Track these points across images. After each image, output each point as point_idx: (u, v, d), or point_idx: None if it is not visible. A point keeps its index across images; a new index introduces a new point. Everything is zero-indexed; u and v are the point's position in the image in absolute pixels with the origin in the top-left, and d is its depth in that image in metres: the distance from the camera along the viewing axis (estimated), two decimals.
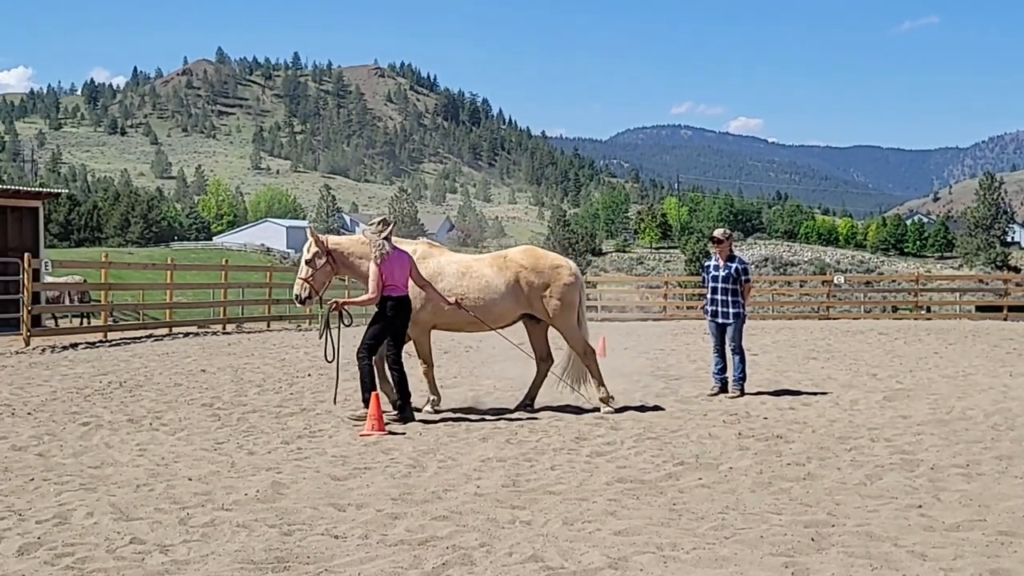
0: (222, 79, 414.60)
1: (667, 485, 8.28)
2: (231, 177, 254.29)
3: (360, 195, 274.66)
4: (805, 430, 10.96)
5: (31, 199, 29.04)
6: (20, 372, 16.85)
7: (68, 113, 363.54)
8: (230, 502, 7.67)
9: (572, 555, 6.22)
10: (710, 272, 14.15)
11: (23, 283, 22.17)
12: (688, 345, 22.97)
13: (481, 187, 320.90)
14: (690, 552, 6.26)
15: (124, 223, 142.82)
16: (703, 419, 11.80)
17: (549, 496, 7.89)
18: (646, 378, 16.01)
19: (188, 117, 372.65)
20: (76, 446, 10.05)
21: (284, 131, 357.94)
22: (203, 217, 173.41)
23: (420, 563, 6.09)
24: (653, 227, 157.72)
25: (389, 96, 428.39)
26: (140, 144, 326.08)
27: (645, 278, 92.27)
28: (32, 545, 6.47)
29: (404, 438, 10.42)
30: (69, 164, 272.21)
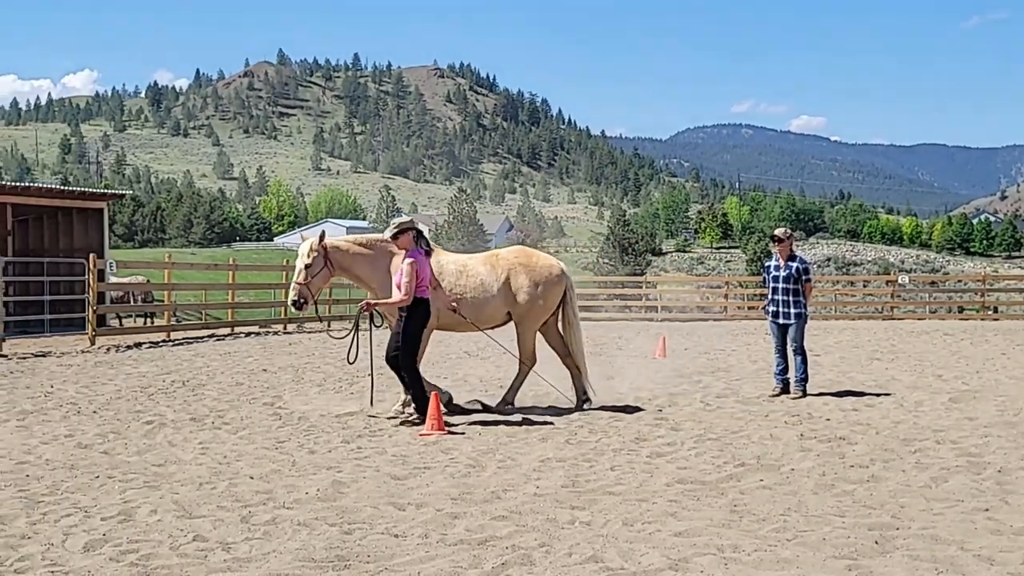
0: (283, 80, 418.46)
1: (728, 486, 8.21)
2: (292, 178, 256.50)
3: (419, 195, 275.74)
4: (869, 432, 10.83)
5: (96, 200, 29.45)
6: (86, 371, 17.11)
7: (132, 115, 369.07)
8: (291, 500, 7.73)
9: (632, 556, 6.19)
10: (771, 272, 14.01)
11: (88, 283, 22.51)
12: (749, 346, 22.79)
13: (540, 187, 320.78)
14: (751, 554, 6.21)
15: (187, 224, 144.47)
16: (764, 420, 11.70)
17: (609, 497, 7.86)
18: (706, 378, 15.92)
19: (249, 118, 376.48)
20: (140, 444, 10.18)
21: (344, 132, 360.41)
22: (264, 218, 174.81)
23: (480, 563, 6.10)
24: (714, 227, 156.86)
25: (448, 96, 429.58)
26: (202, 146, 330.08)
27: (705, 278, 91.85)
28: (97, 542, 6.55)
29: (463, 438, 10.44)
30: (133, 166, 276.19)
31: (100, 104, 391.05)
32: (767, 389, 14.30)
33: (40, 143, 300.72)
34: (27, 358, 19.02)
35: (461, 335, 16.33)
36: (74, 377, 16.13)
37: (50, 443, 10.19)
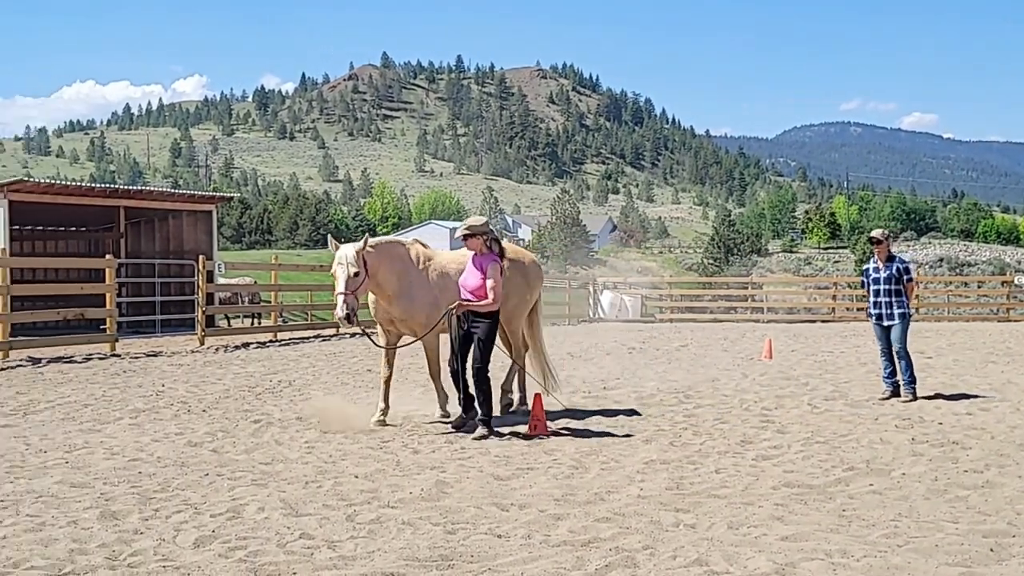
0: (387, 83, 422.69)
1: (836, 491, 8.09)
2: (396, 180, 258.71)
3: (522, 196, 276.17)
4: (983, 436, 10.57)
5: (205, 203, 30.09)
6: (195, 370, 17.50)
7: (240, 119, 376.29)
8: (395, 500, 7.80)
9: (738, 560, 6.13)
10: (870, 275, 13.94)
11: (198, 284, 23.00)
12: (858, 347, 22.42)
13: (644, 187, 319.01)
14: (860, 560, 6.10)
15: (293, 225, 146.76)
16: (874, 423, 11.50)
17: (714, 500, 7.79)
18: (814, 380, 15.72)
19: (354, 121, 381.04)
20: (248, 443, 10.38)
21: (447, 134, 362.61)
22: (369, 219, 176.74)
23: (583, 564, 6.09)
24: (821, 227, 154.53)
25: (551, 97, 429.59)
26: (308, 148, 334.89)
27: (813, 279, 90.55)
28: (207, 538, 6.69)
29: (567, 439, 10.44)
30: (241, 169, 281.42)
31: (209, 108, 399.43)
32: (876, 392, 14.05)
33: (151, 147, 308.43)
34: (139, 357, 19.52)
35: None
36: (184, 376, 16.51)
37: (161, 441, 10.44)
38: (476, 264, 10.88)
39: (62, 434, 10.81)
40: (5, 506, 7.56)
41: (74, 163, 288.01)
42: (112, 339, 20.63)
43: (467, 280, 10.92)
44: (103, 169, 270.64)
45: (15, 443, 10.27)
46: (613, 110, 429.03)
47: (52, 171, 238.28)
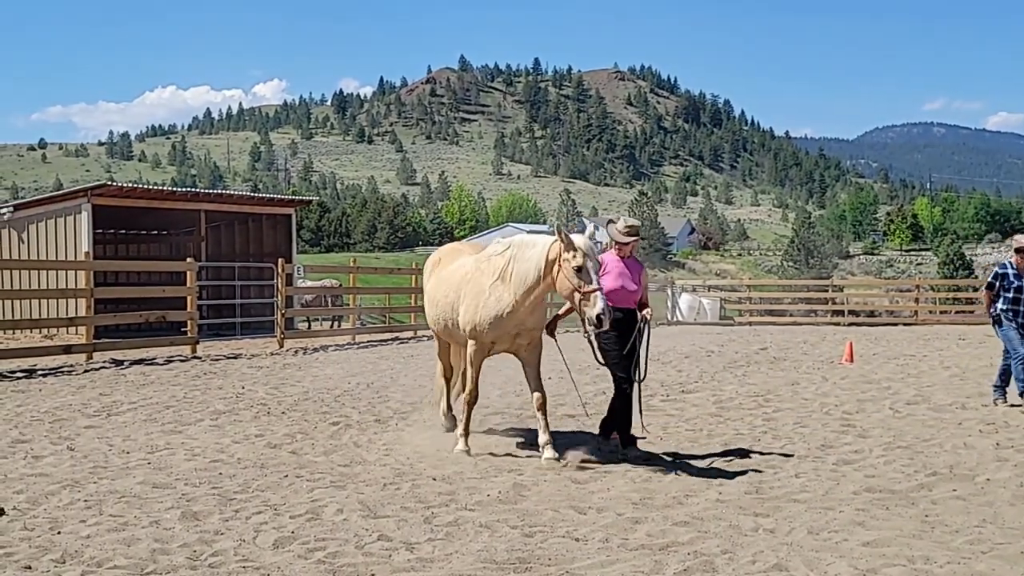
0: (464, 87, 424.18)
1: (919, 496, 7.97)
2: (473, 183, 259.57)
3: (600, 199, 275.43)
4: None
5: (284, 206, 30.45)
6: (275, 373, 17.70)
7: (318, 123, 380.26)
8: (473, 502, 7.83)
9: (818, 565, 6.06)
10: (1012, 282, 13.16)
11: (277, 287, 23.24)
12: (941, 351, 22.04)
13: (723, 189, 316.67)
14: (944, 566, 6.00)
15: (371, 229, 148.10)
16: (958, 428, 11.31)
17: (794, 504, 7.72)
18: (896, 384, 15.50)
19: (432, 124, 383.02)
20: (327, 444, 10.47)
21: (525, 136, 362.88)
22: (446, 222, 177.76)
23: (661, 568, 6.07)
24: (903, 228, 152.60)
25: (629, 99, 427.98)
26: (386, 152, 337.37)
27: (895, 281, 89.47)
28: (286, 539, 6.77)
29: (644, 443, 10.39)
30: (319, 172, 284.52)
31: (288, 113, 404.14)
32: (960, 396, 13.80)
33: (231, 151, 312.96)
34: (219, 360, 19.79)
35: None
36: (264, 379, 16.70)
37: (241, 442, 10.58)
38: (630, 269, 10.07)
39: (144, 435, 11.00)
40: (89, 506, 7.72)
41: (156, 167, 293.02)
42: (193, 341, 20.94)
43: (627, 284, 9.93)
44: (184, 173, 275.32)
45: (99, 444, 10.47)
46: (691, 111, 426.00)
47: (134, 175, 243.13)
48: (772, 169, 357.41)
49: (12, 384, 15.66)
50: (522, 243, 9.61)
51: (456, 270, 10.34)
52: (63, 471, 9.03)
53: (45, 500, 7.90)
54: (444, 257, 11.07)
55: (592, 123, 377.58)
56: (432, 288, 10.76)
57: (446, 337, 10.87)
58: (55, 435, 10.99)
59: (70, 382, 15.98)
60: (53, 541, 6.70)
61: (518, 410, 12.67)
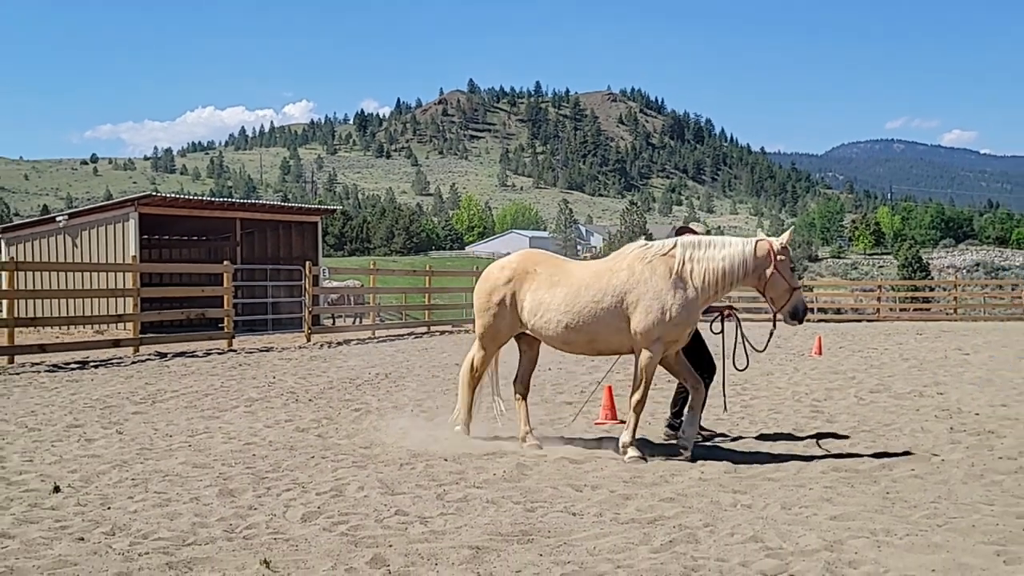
0: (473, 107, 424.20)
1: (881, 475, 7.97)
2: (481, 193, 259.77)
3: (594, 208, 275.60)
4: (1017, 425, 10.34)
5: (311, 215, 30.48)
6: (303, 364, 17.70)
7: (342, 140, 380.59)
8: (480, 481, 7.82)
9: (790, 537, 6.06)
10: None
11: (305, 287, 23.27)
12: (901, 345, 22.02)
13: (704, 200, 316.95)
14: (903, 538, 5.99)
15: (389, 235, 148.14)
16: (916, 414, 11.30)
17: (768, 482, 7.72)
18: (860, 375, 15.48)
19: (444, 141, 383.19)
20: (349, 429, 10.47)
21: (527, 152, 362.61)
22: (456, 229, 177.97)
23: (649, 540, 6.06)
24: (867, 235, 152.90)
25: (621, 118, 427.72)
26: (403, 166, 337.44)
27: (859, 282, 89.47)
28: (313, 514, 6.76)
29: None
30: (343, 184, 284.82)
31: (315, 130, 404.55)
32: (918, 385, 13.78)
33: (263, 165, 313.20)
34: (253, 353, 19.79)
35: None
36: (293, 369, 16.71)
37: (272, 427, 10.58)
38: None
39: (185, 420, 11.01)
40: (136, 484, 7.72)
41: (196, 180, 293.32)
42: (229, 336, 20.95)
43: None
44: (221, 185, 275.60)
45: (144, 428, 10.48)
46: (677, 129, 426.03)
47: (176, 187, 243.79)
48: (749, 181, 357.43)
49: (67, 374, 15.68)
50: (696, 243, 8.84)
51: (592, 275, 8.98)
52: (112, 452, 9.04)
53: (96, 479, 7.91)
54: (539, 266, 9.33)
55: (587, 140, 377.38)
56: (554, 296, 9.00)
57: (569, 347, 9.23)
58: (105, 420, 11.01)
59: (119, 372, 16.00)
60: (104, 515, 6.71)
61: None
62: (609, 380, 11.68)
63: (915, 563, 5.51)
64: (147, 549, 5.91)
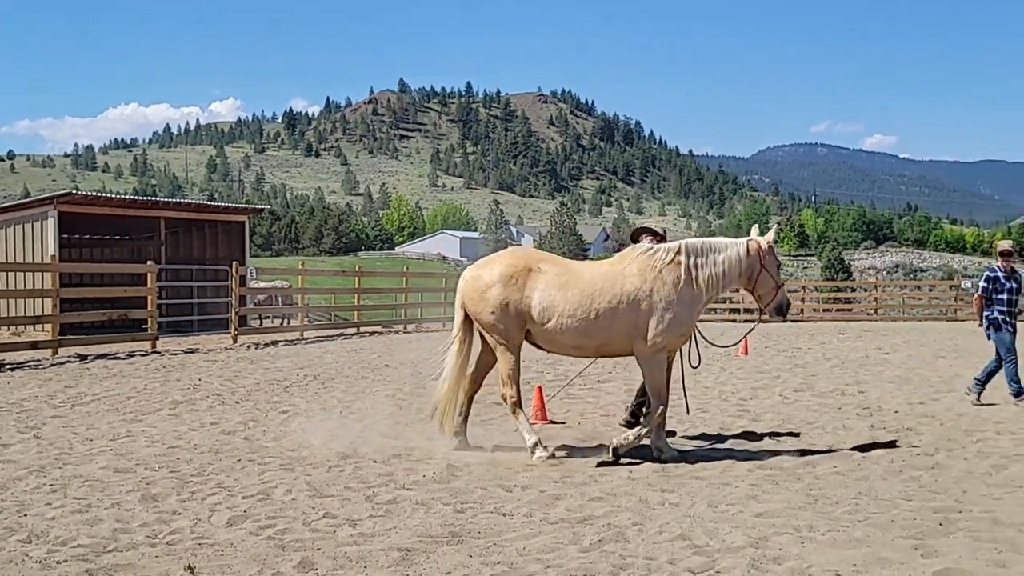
0: (403, 107, 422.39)
1: (804, 472, 8.11)
2: (411, 193, 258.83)
3: (525, 209, 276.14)
4: (933, 423, 10.64)
5: (238, 214, 30.12)
6: (229, 366, 17.48)
7: (270, 138, 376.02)
8: (410, 482, 7.79)
9: (716, 534, 6.13)
10: (1003, 284, 12.42)
11: (231, 288, 22.97)
12: (824, 344, 22.41)
13: (634, 201, 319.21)
14: (825, 534, 6.11)
15: (318, 235, 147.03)
16: (838, 412, 11.54)
17: (695, 481, 7.80)
18: (785, 374, 15.72)
19: (373, 141, 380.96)
20: (277, 431, 10.36)
21: (458, 152, 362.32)
22: (387, 229, 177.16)
23: (579, 539, 6.08)
24: (791, 236, 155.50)
25: (551, 120, 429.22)
26: (332, 165, 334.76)
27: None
28: (239, 518, 6.69)
29: (564, 427, 10.43)
30: (270, 183, 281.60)
31: (242, 128, 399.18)
32: (840, 384, 14.06)
33: (189, 164, 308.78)
34: (177, 354, 19.50)
35: None
36: (219, 371, 16.49)
37: (198, 430, 10.43)
38: None
39: (107, 424, 10.81)
40: (55, 489, 7.56)
41: (118, 178, 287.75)
42: (153, 337, 20.62)
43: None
44: (145, 183, 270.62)
45: (63, 432, 10.26)
46: (607, 131, 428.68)
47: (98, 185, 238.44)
48: (677, 183, 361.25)
49: None
50: (700, 247, 8.95)
51: (605, 278, 8.80)
52: (30, 458, 8.84)
53: (12, 485, 7.73)
54: (542, 263, 9.03)
55: (518, 141, 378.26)
56: (567, 299, 8.70)
57: (578, 351, 9.09)
58: (22, 424, 10.76)
59: (37, 375, 15.65)
60: (20, 523, 6.56)
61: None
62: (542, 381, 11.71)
63: (837, 558, 5.61)
64: (65, 557, 5.78)
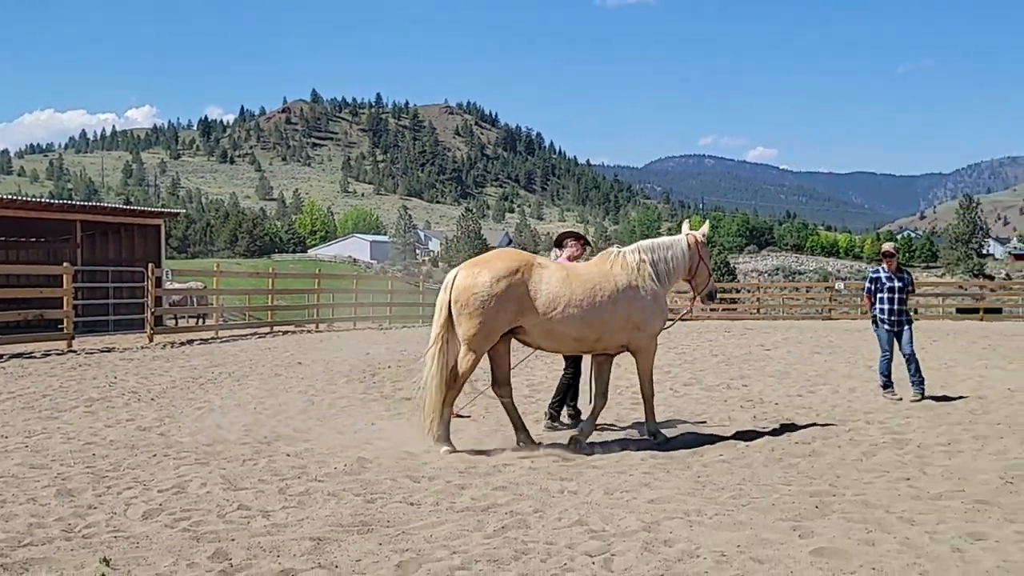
0: (316, 116, 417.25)
1: (693, 460, 8.25)
2: (323, 199, 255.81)
3: (432, 214, 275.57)
4: (810, 414, 10.93)
5: (154, 218, 29.45)
6: (145, 364, 17.05)
7: (186, 145, 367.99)
8: (322, 474, 7.71)
9: (612, 520, 6.19)
10: (884, 284, 12.45)
11: (147, 289, 22.44)
12: (711, 342, 22.79)
13: (535, 207, 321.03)
14: (712, 517, 6.22)
15: (232, 238, 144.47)
16: (723, 404, 11.75)
17: (592, 470, 7.87)
18: (675, 369, 15.94)
19: (287, 148, 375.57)
20: (192, 427, 10.15)
21: (368, 160, 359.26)
22: (299, 233, 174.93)
23: (483, 526, 6.09)
24: None
25: (457, 130, 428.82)
26: (246, 171, 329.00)
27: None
28: (154, 511, 6.54)
29: (470, 421, 10.43)
30: (186, 188, 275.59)
31: (158, 135, 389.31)
32: (726, 378, 14.34)
33: (105, 169, 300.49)
34: (93, 353, 18.95)
35: None
36: (135, 369, 16.07)
37: (114, 426, 10.16)
38: None
39: (22, 421, 10.45)
40: None
41: (34, 182, 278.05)
42: (69, 337, 20.00)
43: None
44: (61, 187, 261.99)
45: None
46: (509, 142, 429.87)
47: (14, 188, 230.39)
48: (576, 191, 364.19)
49: None
50: (653, 246, 9.47)
51: (599, 276, 8.97)
52: None
53: None
54: (539, 259, 9.04)
55: (426, 150, 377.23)
56: (573, 292, 8.74)
57: (578, 343, 9.04)
58: None
59: None
60: None
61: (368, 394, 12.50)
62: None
63: (723, 540, 5.71)
64: None
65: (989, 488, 7.04)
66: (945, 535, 5.79)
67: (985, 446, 8.72)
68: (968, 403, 11.56)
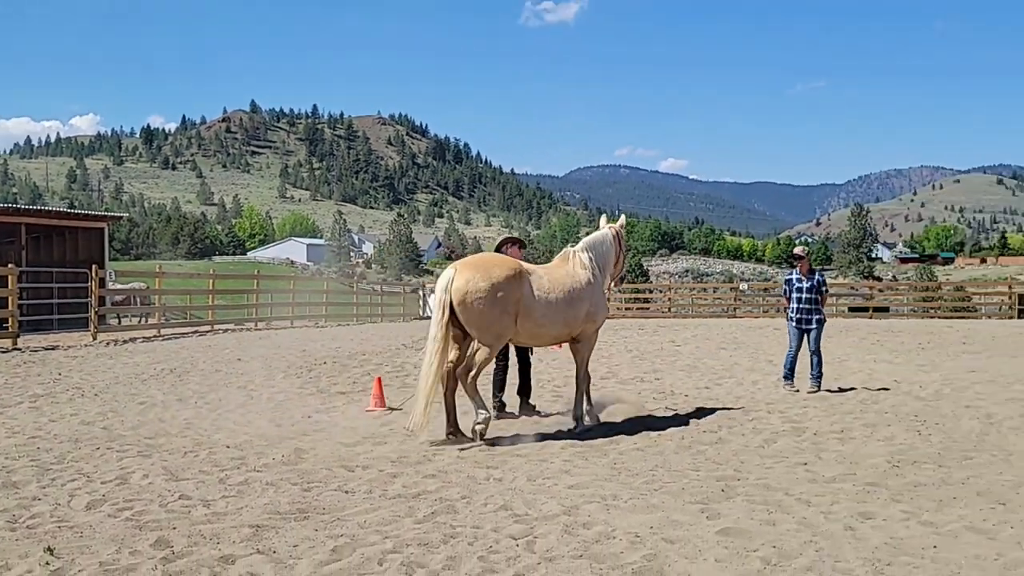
0: (255, 125, 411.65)
1: (609, 448, 8.29)
2: (262, 204, 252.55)
3: (366, 219, 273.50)
4: (717, 404, 11.04)
5: (98, 221, 28.80)
6: (88, 361, 16.64)
7: (129, 152, 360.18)
8: (260, 465, 7.60)
9: (535, 505, 6.21)
10: (794, 285, 12.40)
11: (91, 289, 21.91)
12: (627, 339, 22.95)
13: (463, 213, 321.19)
14: (627, 501, 6.27)
15: (174, 241, 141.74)
16: (638, 396, 11.82)
17: (516, 458, 7.88)
18: (593, 364, 15.97)
19: (227, 156, 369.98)
20: (134, 421, 9.93)
21: (305, 168, 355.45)
22: (239, 236, 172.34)
23: (414, 512, 6.06)
24: None
25: (389, 140, 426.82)
26: (187, 177, 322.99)
27: None
28: (98, 502, 6.38)
29: (400, 413, 10.36)
30: (129, 193, 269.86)
31: (101, 142, 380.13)
32: (639, 372, 14.42)
33: (50, 174, 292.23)
34: (38, 351, 18.43)
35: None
36: (79, 366, 15.67)
37: (58, 421, 9.90)
38: None
39: None
40: None
41: None
42: (14, 335, 19.41)
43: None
44: (6, 192, 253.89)
45: None
46: (439, 151, 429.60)
47: None
48: (501, 198, 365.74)
49: None
50: (593, 243, 9.75)
51: (568, 276, 9.20)
52: None
53: None
54: (527, 266, 9.00)
55: (360, 158, 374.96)
56: (558, 293, 8.94)
57: (555, 339, 9.27)
58: None
59: None
60: None
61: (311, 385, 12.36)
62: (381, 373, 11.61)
63: (637, 522, 5.76)
64: None
65: (878, 471, 7.21)
66: (839, 515, 5.93)
67: (874, 433, 8.93)
68: (859, 394, 11.80)
